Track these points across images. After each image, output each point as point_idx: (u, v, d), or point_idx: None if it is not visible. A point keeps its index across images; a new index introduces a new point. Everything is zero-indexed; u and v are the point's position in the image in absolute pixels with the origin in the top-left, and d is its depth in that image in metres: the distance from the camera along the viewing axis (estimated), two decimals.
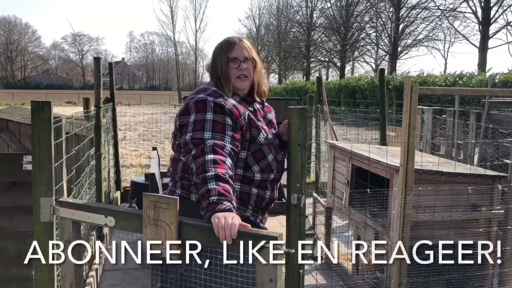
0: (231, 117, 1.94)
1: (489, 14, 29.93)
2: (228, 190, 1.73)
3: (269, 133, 2.10)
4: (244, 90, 2.08)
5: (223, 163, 1.79)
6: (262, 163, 2.04)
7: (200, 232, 1.74)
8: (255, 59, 2.09)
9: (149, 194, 1.79)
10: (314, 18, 45.59)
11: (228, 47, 2.06)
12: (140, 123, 17.67)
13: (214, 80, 2.09)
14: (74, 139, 4.17)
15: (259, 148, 2.04)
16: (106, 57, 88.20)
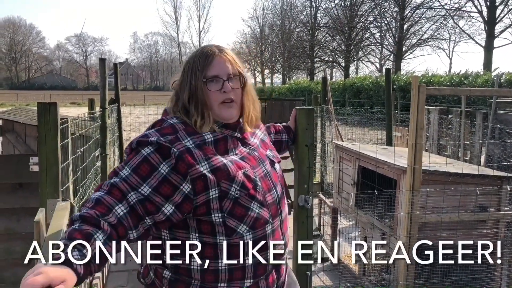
0: (175, 165, 1.36)
1: (495, 13, 29.80)
2: (84, 233, 1.20)
3: (256, 166, 1.51)
4: (232, 119, 1.50)
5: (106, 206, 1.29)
6: (248, 219, 1.43)
7: None
8: (243, 75, 1.51)
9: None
10: (318, 18, 45.57)
11: (206, 61, 1.47)
12: (144, 124, 17.71)
13: (178, 107, 1.50)
14: (79, 140, 4.17)
15: (235, 202, 1.42)
16: (110, 58, 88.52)
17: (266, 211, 1.47)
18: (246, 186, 1.43)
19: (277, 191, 1.53)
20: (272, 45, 56.53)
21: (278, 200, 1.53)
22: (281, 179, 1.61)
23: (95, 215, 1.24)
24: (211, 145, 1.45)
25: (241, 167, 1.45)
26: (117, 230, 1.28)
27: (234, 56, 1.53)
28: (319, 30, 45.11)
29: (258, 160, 1.53)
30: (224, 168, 1.41)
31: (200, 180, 1.37)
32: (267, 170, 1.53)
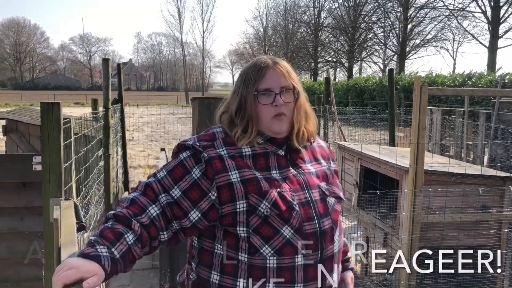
0: (205, 170, 1.36)
1: (499, 13, 29.71)
2: (116, 231, 1.25)
3: (299, 190, 1.39)
4: (282, 134, 1.42)
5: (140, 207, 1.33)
6: (275, 242, 1.34)
7: None
8: (296, 89, 1.43)
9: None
10: (322, 18, 45.54)
11: (258, 74, 1.42)
12: (147, 124, 17.73)
13: (225, 117, 1.47)
14: (83, 140, 4.19)
15: (263, 221, 1.34)
16: (114, 58, 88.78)
17: (300, 240, 1.34)
18: (279, 206, 1.34)
19: (322, 224, 1.38)
20: (276, 46, 56.54)
21: (320, 234, 1.37)
22: (334, 215, 1.42)
23: (128, 215, 1.29)
24: (248, 159, 1.40)
25: (278, 187, 1.36)
26: (149, 231, 1.31)
27: (288, 69, 1.46)
28: (322, 30, 45.08)
29: (303, 185, 1.40)
30: (255, 181, 1.35)
31: (226, 189, 1.34)
32: (311, 198, 1.39)
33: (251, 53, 65.38)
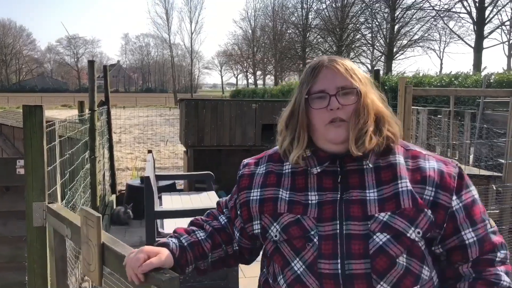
0: (239, 185, 1.35)
1: (484, 14, 30.06)
2: (188, 229, 1.34)
3: (328, 220, 1.15)
4: (339, 141, 1.18)
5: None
6: (286, 273, 1.18)
7: (115, 259, 1.38)
8: (357, 89, 1.18)
9: (83, 208, 1.53)
10: (310, 19, 45.70)
11: (312, 74, 1.21)
12: (135, 126, 17.63)
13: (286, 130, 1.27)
14: (68, 143, 4.15)
15: (275, 249, 1.22)
16: (102, 60, 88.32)
17: (313, 281, 1.13)
18: (289, 232, 1.17)
19: (348, 267, 1.10)
20: (264, 47, 56.64)
21: (344, 278, 1.10)
22: (381, 259, 1.09)
23: (202, 220, 1.39)
24: (287, 177, 1.25)
25: (301, 212, 1.17)
26: (220, 234, 1.34)
27: (348, 66, 1.21)
28: (310, 31, 45.23)
29: (337, 214, 1.14)
30: (273, 201, 1.22)
31: (245, 207, 1.28)
32: (342, 232, 1.13)
33: (240, 54, 65.43)
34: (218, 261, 1.34)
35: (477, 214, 1.17)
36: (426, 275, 1.14)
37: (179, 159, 10.81)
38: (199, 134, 6.66)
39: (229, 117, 6.75)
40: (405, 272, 1.10)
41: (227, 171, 7.40)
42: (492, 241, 1.16)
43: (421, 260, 1.13)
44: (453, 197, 1.15)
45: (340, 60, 1.22)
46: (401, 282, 1.10)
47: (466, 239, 1.15)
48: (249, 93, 45.11)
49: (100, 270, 1.46)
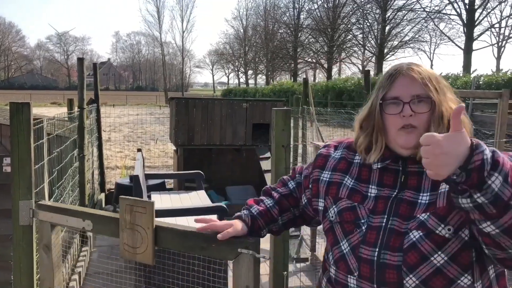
0: (315, 162, 1.47)
1: (474, 16, 30.34)
2: (257, 199, 1.56)
3: (379, 213, 1.25)
4: (408, 147, 1.24)
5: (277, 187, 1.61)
6: (334, 251, 1.32)
7: (175, 237, 1.65)
8: (433, 98, 1.22)
9: (126, 197, 1.72)
10: (301, 19, 45.83)
11: (388, 80, 1.28)
12: (125, 124, 17.54)
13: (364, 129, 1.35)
14: (56, 141, 4.12)
15: (330, 228, 1.34)
16: (92, 58, 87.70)
17: (354, 262, 1.25)
18: (343, 216, 1.29)
19: (383, 256, 1.20)
20: (256, 46, 56.66)
21: (378, 266, 1.20)
22: (413, 254, 1.17)
23: (270, 188, 1.60)
24: (356, 167, 1.36)
25: (358, 201, 1.29)
26: (288, 199, 1.54)
27: (426, 75, 1.24)
28: (302, 31, 45.35)
29: (388, 210, 1.24)
30: (338, 186, 1.34)
31: (315, 184, 1.42)
32: (386, 226, 1.22)
33: (231, 53, 65.37)
34: (288, 222, 1.55)
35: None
36: (466, 283, 1.15)
37: (169, 158, 10.77)
38: (189, 133, 6.63)
39: (220, 116, 6.74)
40: (435, 271, 1.15)
41: (217, 171, 7.38)
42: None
43: (463, 267, 1.15)
44: None
45: (418, 68, 1.26)
46: (430, 280, 1.15)
47: None
48: (240, 92, 45.09)
49: (153, 250, 1.68)
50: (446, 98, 1.25)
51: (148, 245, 1.67)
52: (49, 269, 2.09)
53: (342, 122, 11.32)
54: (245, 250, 1.47)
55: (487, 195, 0.96)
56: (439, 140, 0.98)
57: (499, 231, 1.01)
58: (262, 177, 6.72)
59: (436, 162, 0.99)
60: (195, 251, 1.62)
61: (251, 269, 1.53)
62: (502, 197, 0.96)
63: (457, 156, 0.97)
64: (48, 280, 2.10)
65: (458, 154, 0.97)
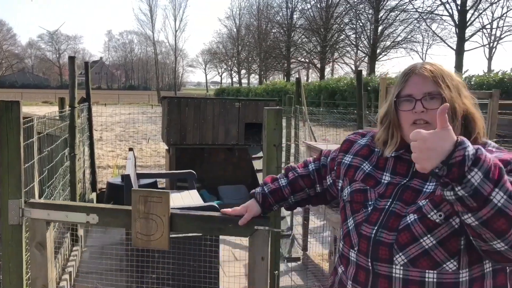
0: (341, 147, 1.60)
1: (465, 17, 30.53)
2: (274, 177, 1.76)
3: (385, 197, 1.36)
4: None
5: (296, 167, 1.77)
6: (343, 227, 1.47)
7: (192, 221, 1.85)
8: (444, 95, 1.29)
9: (138, 189, 1.86)
10: (294, 19, 45.89)
11: (403, 79, 1.38)
12: (117, 124, 17.46)
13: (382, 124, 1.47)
14: (47, 140, 4.09)
15: (343, 206, 1.48)
16: (84, 56, 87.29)
17: (355, 237, 1.37)
18: (354, 196, 1.43)
19: (379, 234, 1.31)
20: (249, 46, 56.65)
21: (373, 242, 1.31)
22: (405, 234, 1.27)
23: (291, 168, 1.76)
24: (376, 155, 1.47)
25: (371, 185, 1.40)
26: (304, 179, 1.70)
27: (439, 73, 1.33)
28: (295, 31, 45.40)
29: (394, 195, 1.34)
30: (356, 169, 1.47)
31: (339, 166, 1.56)
32: (388, 208, 1.33)
33: (225, 52, 65.31)
34: (300, 201, 1.73)
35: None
36: (451, 268, 1.23)
37: (162, 157, 10.74)
38: (181, 132, 6.62)
39: (212, 115, 6.73)
40: (423, 252, 1.24)
41: (209, 170, 7.37)
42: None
43: (450, 253, 1.22)
44: None
45: (430, 67, 1.34)
46: (417, 260, 1.24)
47: None
48: (233, 92, 45.06)
49: (168, 236, 1.83)
50: (460, 95, 1.34)
51: (164, 232, 1.82)
52: (43, 267, 2.08)
53: (334, 121, 11.35)
54: (261, 226, 1.73)
55: (466, 188, 1.03)
56: (424, 136, 1.06)
57: (479, 223, 1.07)
58: (255, 177, 6.72)
59: (421, 156, 1.07)
60: (213, 232, 1.95)
61: (266, 243, 1.78)
62: (481, 191, 1.02)
63: (442, 151, 1.04)
64: (41, 278, 2.09)
65: (443, 150, 1.04)
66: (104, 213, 1.95)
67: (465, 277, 1.23)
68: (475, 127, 1.34)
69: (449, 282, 1.23)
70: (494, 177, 1.03)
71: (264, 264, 1.85)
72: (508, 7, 35.01)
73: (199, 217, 1.85)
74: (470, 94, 1.37)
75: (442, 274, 1.23)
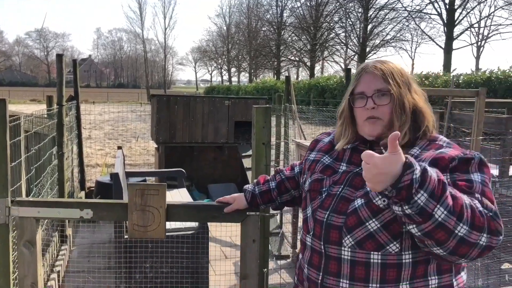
0: (309, 146, 1.72)
1: (454, 16, 30.77)
2: (266, 178, 1.87)
3: (338, 184, 1.45)
4: (372, 136, 1.44)
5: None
6: (303, 214, 1.57)
7: (188, 211, 2.02)
8: (392, 92, 1.40)
9: (135, 183, 1.99)
10: (284, 17, 45.86)
11: (355, 77, 1.48)
12: (106, 122, 17.35)
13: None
14: (35, 138, 4.05)
15: (305, 196, 1.58)
16: (73, 54, 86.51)
17: (311, 223, 1.47)
18: (312, 186, 1.53)
19: (330, 217, 1.40)
20: (239, 44, 56.55)
21: (325, 226, 1.40)
22: (353, 218, 1.35)
23: (279, 171, 1.86)
24: (335, 149, 1.57)
25: (328, 174, 1.50)
26: (289, 181, 1.81)
27: (389, 71, 1.43)
28: (285, 29, 45.41)
29: (346, 182, 1.43)
30: (316, 163, 1.58)
31: (305, 163, 1.66)
32: (339, 194, 1.42)
33: (214, 50, 65.14)
34: (286, 202, 1.83)
35: (464, 186, 1.24)
36: (394, 250, 1.31)
37: (151, 156, 10.70)
38: (170, 130, 6.60)
39: (202, 113, 6.71)
40: (368, 235, 1.33)
41: (199, 168, 7.36)
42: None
43: (392, 236, 1.31)
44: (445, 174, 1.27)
45: (380, 66, 1.44)
46: (364, 242, 1.33)
47: None
48: (223, 90, 44.95)
49: (165, 226, 1.96)
50: (409, 91, 1.44)
51: (161, 222, 1.96)
52: (32, 265, 2.07)
53: (324, 120, 11.38)
54: (252, 212, 1.93)
55: (413, 208, 1.11)
56: (375, 162, 1.13)
57: (421, 234, 1.16)
58: (244, 175, 6.72)
59: (373, 179, 1.14)
60: (208, 220, 2.15)
61: (256, 227, 1.97)
62: (426, 210, 1.11)
63: (391, 175, 1.11)
64: (30, 276, 2.08)
65: (392, 174, 1.11)
66: (99, 208, 2.03)
67: (408, 259, 1.31)
68: (424, 120, 1.42)
69: (392, 263, 1.31)
70: (438, 194, 1.11)
71: (255, 245, 2.07)
72: (495, 6, 35.40)
73: (194, 206, 2.05)
74: (421, 90, 1.48)
75: (385, 256, 1.31)
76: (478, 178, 1.28)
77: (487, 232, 1.16)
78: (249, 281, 2.14)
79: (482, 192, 1.24)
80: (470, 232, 1.14)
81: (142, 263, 3.50)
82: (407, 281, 1.31)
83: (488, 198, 1.23)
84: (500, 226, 1.19)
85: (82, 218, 2.04)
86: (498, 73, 16.25)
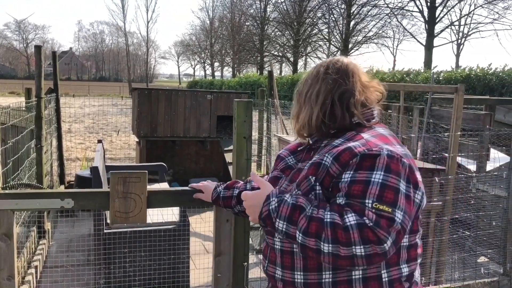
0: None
1: (435, 14, 31.09)
2: (233, 185, 1.93)
3: (284, 180, 1.58)
4: (304, 144, 1.65)
5: None
6: None
7: (168, 196, 2.15)
8: (297, 89, 1.69)
9: (117, 172, 2.05)
10: (268, 12, 45.76)
11: None
12: (87, 115, 17.13)
13: None
14: (12, 131, 3.98)
15: None
16: (53, 46, 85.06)
17: None
18: (270, 180, 1.62)
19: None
20: (222, 38, 56.30)
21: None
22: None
23: (248, 180, 1.88)
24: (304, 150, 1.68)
25: (285, 173, 1.61)
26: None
27: (308, 74, 1.69)
28: (268, 24, 45.32)
29: (291, 176, 1.55)
30: (281, 159, 1.67)
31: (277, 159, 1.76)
32: (282, 188, 1.51)
33: (198, 44, 64.75)
34: (244, 212, 1.66)
35: (356, 191, 1.28)
36: None
37: (132, 150, 10.60)
38: (152, 124, 6.54)
39: (184, 107, 6.67)
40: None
41: (180, 163, 7.32)
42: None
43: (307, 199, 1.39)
44: (347, 171, 1.33)
45: (309, 70, 1.72)
46: None
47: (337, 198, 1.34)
48: (206, 84, 44.76)
49: (145, 211, 2.06)
50: (307, 100, 1.60)
51: (142, 208, 2.05)
52: (8, 258, 2.06)
53: None
54: None
55: (281, 234, 1.34)
56: (247, 197, 1.42)
57: (298, 249, 1.32)
58: (227, 170, 6.71)
59: (248, 211, 1.42)
60: (186, 204, 2.25)
61: None
62: (290, 234, 1.31)
63: (258, 208, 1.37)
64: (7, 269, 2.06)
65: (258, 207, 1.38)
66: (80, 197, 2.06)
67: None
68: (344, 114, 1.50)
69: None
70: (295, 220, 1.29)
71: (228, 225, 2.22)
72: (475, 4, 35.78)
73: (173, 192, 2.19)
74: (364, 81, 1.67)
75: None
76: (379, 178, 1.27)
77: (362, 244, 1.18)
78: (223, 257, 2.26)
79: (379, 195, 1.24)
80: (336, 248, 1.21)
81: (121, 258, 3.47)
82: (330, 270, 1.36)
83: (384, 202, 1.24)
84: (382, 234, 1.19)
85: (63, 208, 2.06)
86: (477, 70, 16.49)
